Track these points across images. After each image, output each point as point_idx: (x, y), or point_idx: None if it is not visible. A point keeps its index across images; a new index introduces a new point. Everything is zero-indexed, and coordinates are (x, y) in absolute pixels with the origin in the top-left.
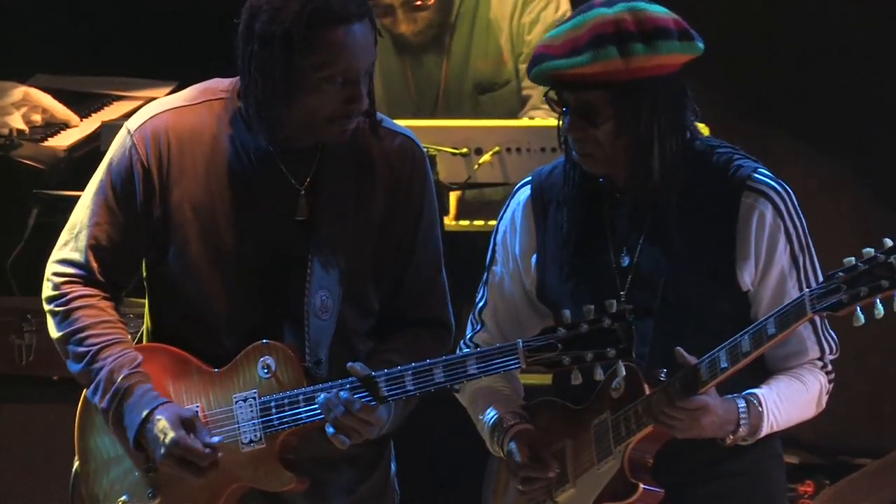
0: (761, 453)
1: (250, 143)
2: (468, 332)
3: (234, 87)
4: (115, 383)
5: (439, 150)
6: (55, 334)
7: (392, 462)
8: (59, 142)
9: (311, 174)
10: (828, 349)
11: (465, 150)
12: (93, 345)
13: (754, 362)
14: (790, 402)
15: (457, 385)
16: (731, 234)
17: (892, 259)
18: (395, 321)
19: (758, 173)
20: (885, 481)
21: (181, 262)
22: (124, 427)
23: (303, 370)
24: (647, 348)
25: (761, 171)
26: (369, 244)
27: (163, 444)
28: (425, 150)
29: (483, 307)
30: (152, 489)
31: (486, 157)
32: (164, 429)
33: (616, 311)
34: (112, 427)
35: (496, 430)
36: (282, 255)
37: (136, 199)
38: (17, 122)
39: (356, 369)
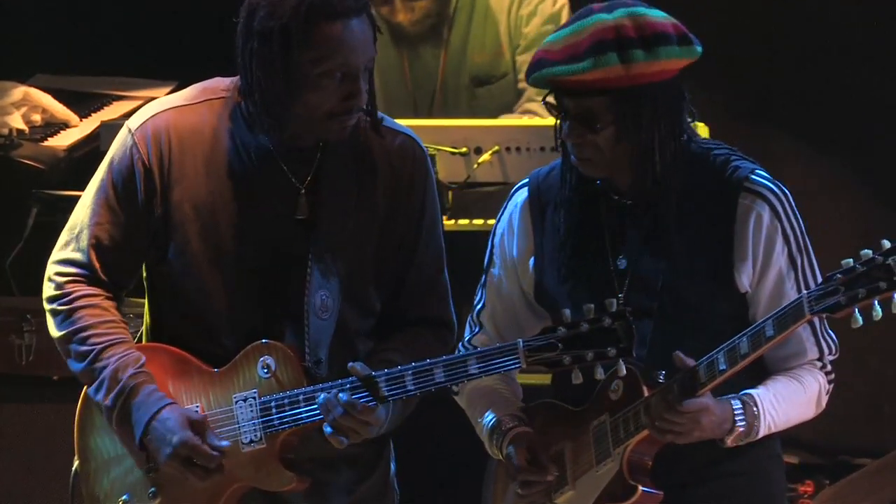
0: (761, 453)
1: (251, 141)
2: (466, 335)
3: (235, 86)
4: (121, 382)
5: (439, 150)
6: (56, 333)
7: (392, 462)
8: (59, 142)
9: (311, 173)
10: (827, 350)
11: (464, 150)
12: (96, 344)
13: (753, 363)
14: (787, 402)
15: (455, 387)
16: (728, 236)
17: (890, 261)
18: (396, 321)
19: (755, 174)
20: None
21: (181, 261)
22: (129, 425)
23: (303, 370)
24: (645, 350)
25: (758, 172)
26: (370, 243)
27: (170, 444)
28: (426, 149)
29: (481, 309)
30: (153, 489)
31: (485, 157)
32: (171, 428)
33: (616, 311)
34: (115, 426)
35: (495, 433)
36: (282, 255)
37: (137, 197)
38: (16, 121)
39: (356, 369)
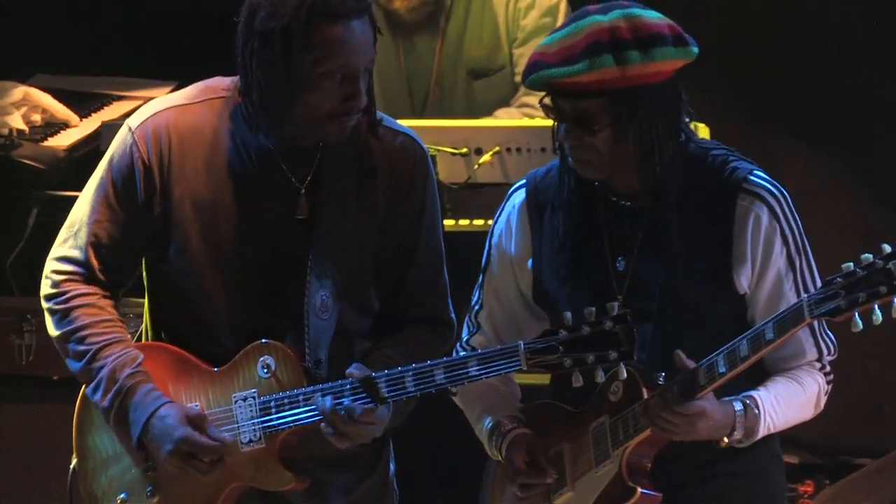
0: (760, 453)
1: (251, 141)
2: (464, 335)
3: (235, 85)
4: (118, 382)
5: (439, 150)
6: (54, 332)
7: (391, 462)
8: (59, 142)
9: (311, 173)
10: (826, 351)
11: (465, 150)
12: (93, 343)
13: (753, 364)
14: (787, 403)
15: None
16: (727, 238)
17: (891, 265)
18: (396, 320)
19: (753, 175)
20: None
21: (181, 261)
22: (127, 425)
23: (302, 370)
24: (645, 352)
25: (757, 172)
26: (370, 243)
27: (171, 441)
28: (427, 149)
29: (479, 310)
30: (151, 487)
31: (486, 158)
32: (171, 425)
33: (617, 314)
34: (113, 425)
35: (494, 434)
36: (282, 255)
37: (136, 196)
38: (17, 121)
39: (355, 374)
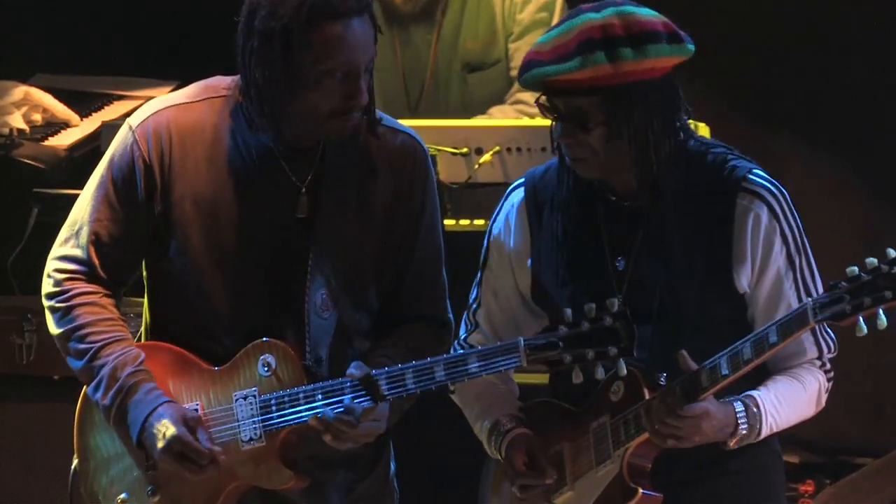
0: (760, 451)
1: (252, 140)
2: (462, 333)
3: (236, 84)
4: (119, 380)
5: (439, 150)
6: (55, 331)
7: (391, 462)
8: (60, 141)
9: (312, 172)
10: (826, 349)
11: (465, 150)
12: (94, 342)
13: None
14: (788, 402)
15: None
16: (727, 237)
17: None
18: (395, 319)
19: (752, 174)
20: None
21: (182, 259)
22: (127, 424)
23: (303, 368)
24: (645, 351)
25: (756, 171)
26: (370, 242)
27: (163, 439)
28: (427, 149)
29: (477, 308)
30: (152, 487)
31: (486, 157)
32: (166, 424)
33: (617, 310)
34: (113, 424)
35: (493, 434)
36: (282, 253)
37: (137, 194)
38: (17, 121)
39: (355, 375)
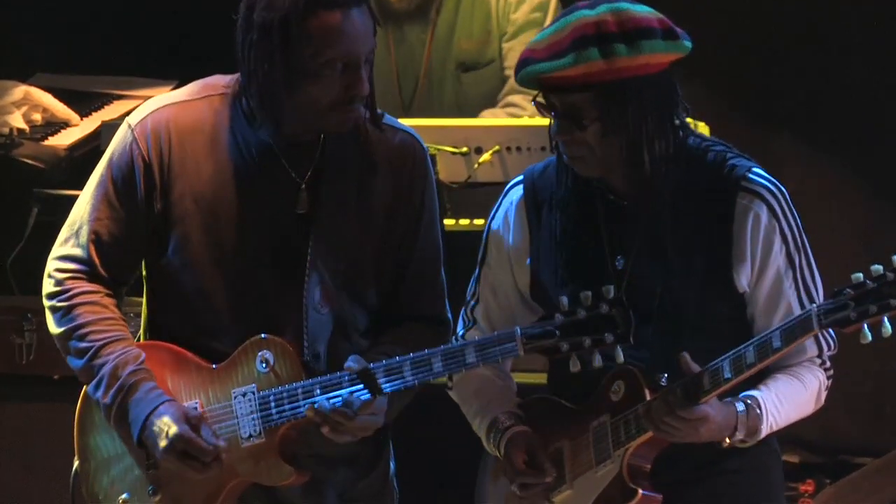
0: (759, 450)
1: (251, 136)
2: (459, 329)
3: (234, 82)
4: (120, 379)
5: (439, 150)
6: (56, 330)
7: (391, 461)
8: (60, 141)
9: (312, 168)
10: (826, 347)
11: (464, 150)
12: (95, 341)
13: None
14: (789, 401)
15: (449, 381)
16: (726, 236)
17: None
18: (394, 319)
19: (752, 173)
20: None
21: (181, 257)
22: (128, 423)
23: (301, 364)
24: (646, 351)
25: (755, 170)
26: (370, 240)
27: (166, 437)
28: (426, 147)
29: (475, 305)
30: (153, 487)
31: (485, 157)
32: (168, 423)
33: (613, 297)
34: (114, 423)
35: (492, 431)
36: (282, 249)
37: (137, 193)
38: (17, 121)
39: (353, 368)
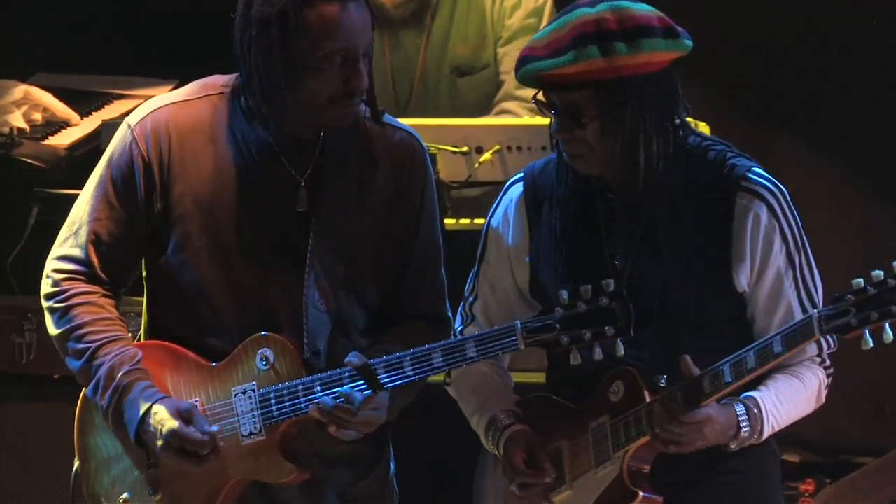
0: (758, 451)
1: (251, 135)
2: (458, 325)
3: (233, 82)
4: (115, 380)
5: (440, 149)
6: (54, 331)
7: (391, 461)
8: (60, 140)
9: (311, 166)
10: (825, 345)
11: (465, 149)
12: (92, 341)
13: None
14: (789, 401)
15: (448, 377)
16: (726, 237)
17: None
18: (394, 317)
19: (752, 173)
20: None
21: (181, 256)
22: (124, 424)
23: (301, 361)
24: (646, 351)
25: (755, 170)
26: (369, 238)
27: (161, 436)
28: (426, 146)
29: (473, 301)
30: (153, 486)
31: (486, 156)
32: (161, 420)
33: (613, 290)
34: (112, 424)
35: (491, 429)
36: (282, 247)
37: (136, 193)
38: (17, 120)
39: (353, 362)
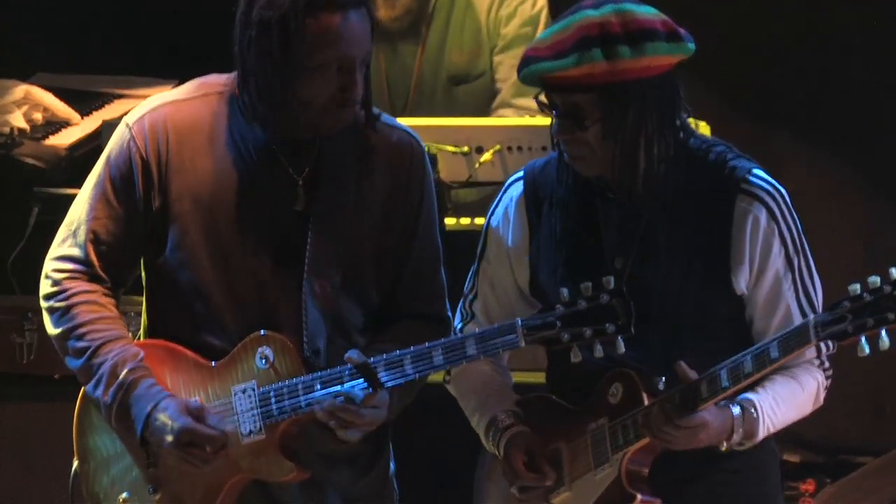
0: (758, 450)
1: (249, 134)
2: (457, 323)
3: (232, 81)
4: (119, 377)
5: (440, 149)
6: (53, 331)
7: (391, 461)
8: (60, 140)
9: (309, 165)
10: (825, 347)
11: (465, 149)
12: (93, 340)
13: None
14: (786, 403)
15: (447, 375)
16: (725, 239)
17: None
18: (394, 317)
19: (752, 175)
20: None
21: (180, 255)
22: (129, 420)
23: (301, 359)
24: (645, 353)
25: (756, 172)
26: (368, 237)
27: (171, 431)
28: (425, 147)
29: (473, 299)
30: (153, 485)
31: (486, 156)
32: (171, 416)
33: (614, 288)
34: (115, 422)
35: (491, 430)
36: (280, 246)
37: (135, 192)
38: (18, 120)
39: (353, 358)
